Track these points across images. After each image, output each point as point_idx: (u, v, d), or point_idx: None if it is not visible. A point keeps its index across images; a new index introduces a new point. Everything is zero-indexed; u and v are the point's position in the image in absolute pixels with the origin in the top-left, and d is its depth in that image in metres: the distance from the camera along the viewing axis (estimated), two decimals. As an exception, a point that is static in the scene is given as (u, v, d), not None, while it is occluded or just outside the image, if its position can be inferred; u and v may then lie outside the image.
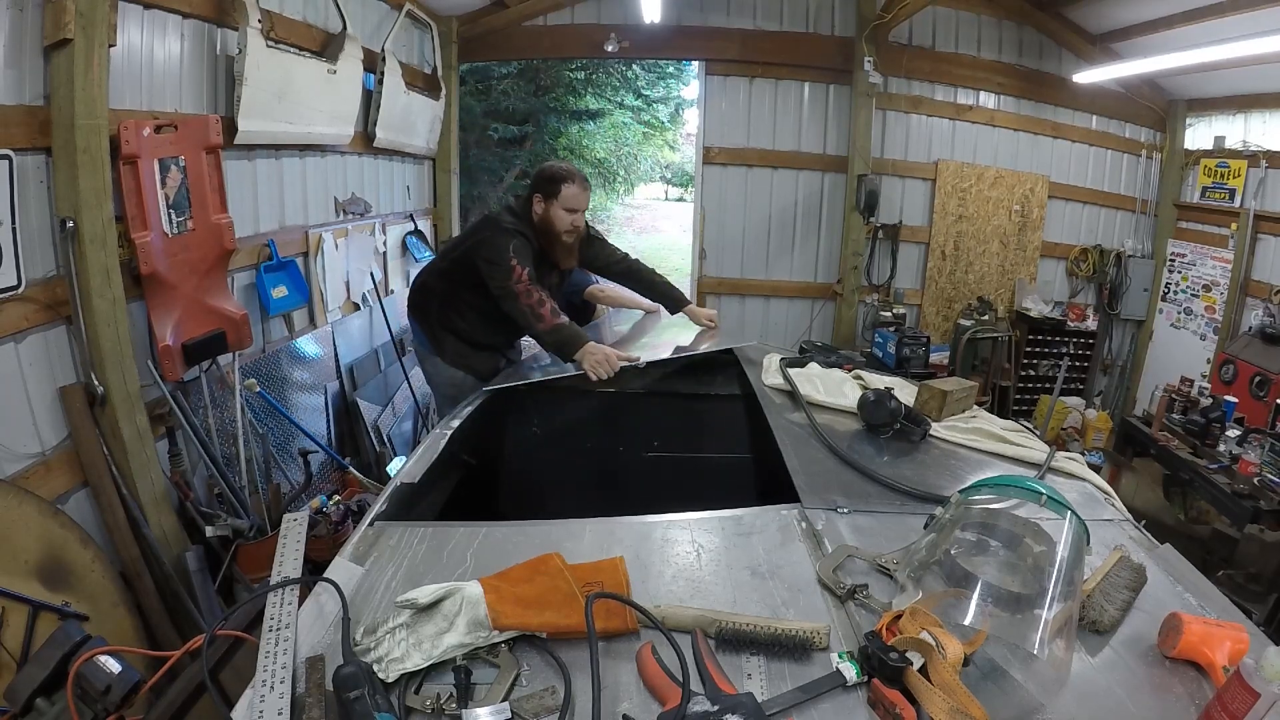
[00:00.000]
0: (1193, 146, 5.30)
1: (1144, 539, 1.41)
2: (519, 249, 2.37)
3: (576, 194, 2.48)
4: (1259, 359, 4.12)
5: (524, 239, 2.43)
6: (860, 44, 4.98)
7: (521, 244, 2.40)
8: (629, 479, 2.55)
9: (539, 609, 1.01)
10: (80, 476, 2.16)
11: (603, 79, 9.43)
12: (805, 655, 1.00)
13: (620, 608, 1.03)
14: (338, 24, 3.40)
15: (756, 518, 1.39)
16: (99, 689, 1.27)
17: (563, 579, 1.06)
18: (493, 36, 5.21)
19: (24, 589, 1.79)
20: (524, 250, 2.39)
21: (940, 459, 1.74)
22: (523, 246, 2.40)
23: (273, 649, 0.98)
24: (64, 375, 2.13)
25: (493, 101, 8.46)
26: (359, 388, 3.84)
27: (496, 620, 0.98)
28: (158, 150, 2.31)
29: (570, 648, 1.00)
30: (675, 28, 5.24)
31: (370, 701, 0.86)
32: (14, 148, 1.89)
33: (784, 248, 5.64)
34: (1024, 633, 0.98)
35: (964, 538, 1.15)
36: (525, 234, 2.45)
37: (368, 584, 1.16)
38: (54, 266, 2.07)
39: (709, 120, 5.46)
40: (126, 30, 2.21)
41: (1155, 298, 5.54)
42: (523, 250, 2.38)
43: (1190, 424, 3.71)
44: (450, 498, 1.90)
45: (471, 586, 1.04)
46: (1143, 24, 4.60)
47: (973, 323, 5.35)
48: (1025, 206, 5.53)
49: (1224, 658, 0.99)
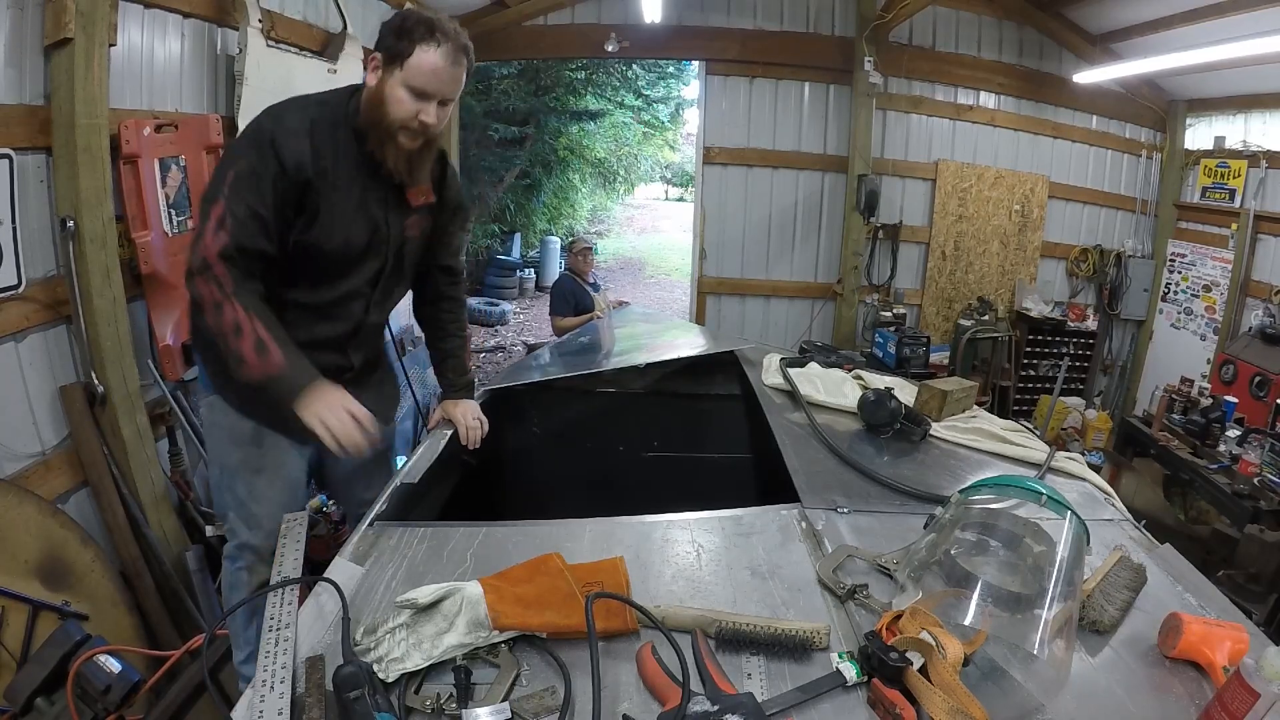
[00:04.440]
0: (1193, 147, 5.30)
1: (1144, 539, 1.41)
2: (243, 174, 1.37)
3: (437, 65, 1.42)
4: (1259, 359, 4.12)
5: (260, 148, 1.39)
6: (860, 44, 4.98)
7: (251, 161, 1.38)
8: (629, 479, 2.55)
9: (539, 609, 1.01)
10: (80, 476, 2.15)
11: (603, 79, 9.43)
12: (805, 655, 1.00)
13: (620, 608, 1.03)
14: (338, 24, 3.40)
15: (756, 518, 1.39)
16: (99, 688, 1.27)
17: (563, 579, 1.06)
18: (493, 36, 5.20)
19: (24, 588, 1.79)
20: (257, 166, 1.37)
21: (940, 459, 1.74)
22: (252, 166, 1.38)
23: (273, 649, 0.98)
24: (64, 375, 2.13)
25: (493, 101, 8.46)
26: (359, 387, 3.84)
27: (497, 620, 0.98)
28: (158, 150, 2.31)
29: (570, 648, 1.00)
30: (675, 28, 5.24)
31: (370, 701, 0.86)
32: (14, 147, 1.89)
33: (784, 248, 5.64)
34: (1024, 633, 0.98)
35: (964, 538, 1.15)
36: (274, 137, 1.39)
37: (368, 584, 1.16)
38: (54, 266, 2.07)
39: (709, 120, 5.46)
40: (127, 30, 2.20)
41: (1155, 298, 5.54)
42: (247, 174, 1.37)
43: (1190, 424, 3.71)
44: (450, 498, 1.90)
45: (471, 587, 1.04)
46: (1143, 24, 4.60)
47: (973, 323, 5.35)
48: (1025, 206, 5.53)
49: (1224, 658, 0.99)
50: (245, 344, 1.33)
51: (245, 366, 1.34)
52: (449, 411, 1.87)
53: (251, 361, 1.33)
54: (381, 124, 1.47)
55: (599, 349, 3.01)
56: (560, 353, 2.88)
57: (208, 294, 1.34)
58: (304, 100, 1.52)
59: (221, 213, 1.35)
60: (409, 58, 1.42)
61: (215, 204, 1.36)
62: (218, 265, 1.34)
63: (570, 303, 4.73)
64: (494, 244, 9.88)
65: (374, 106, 1.47)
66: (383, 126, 1.47)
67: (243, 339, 1.33)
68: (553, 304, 4.88)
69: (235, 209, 1.36)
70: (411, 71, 1.42)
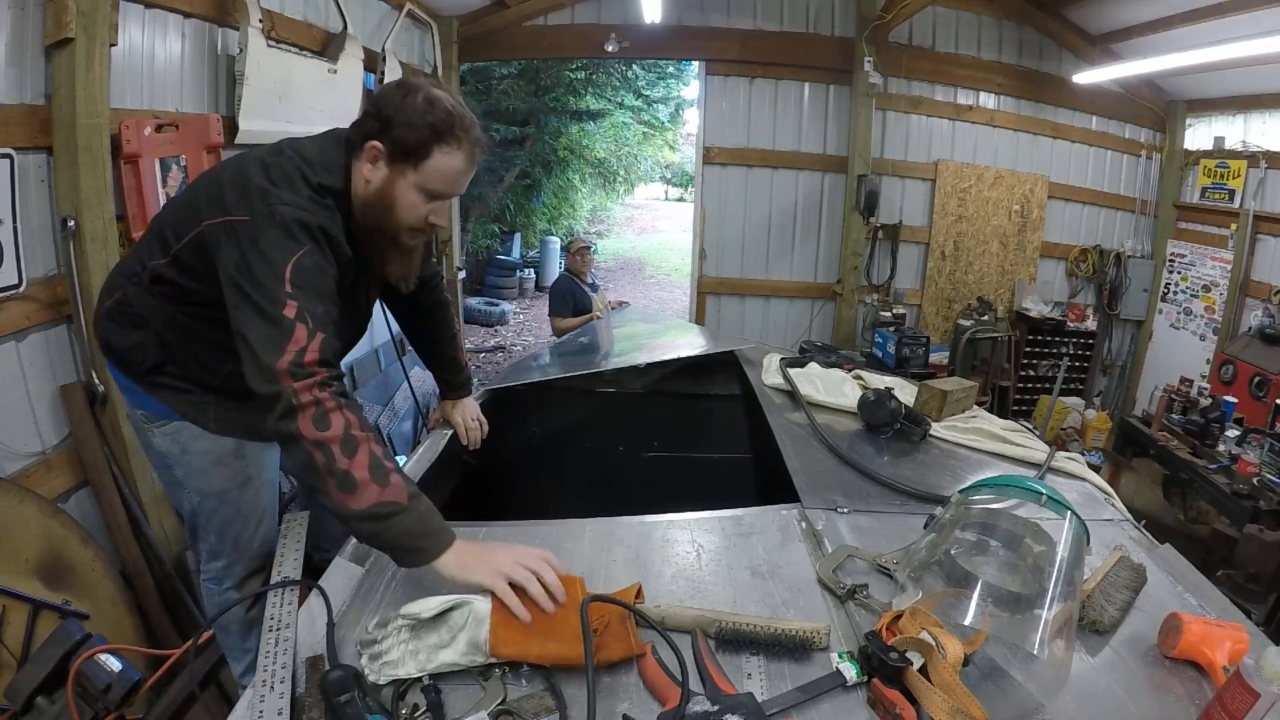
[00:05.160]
0: (1192, 147, 5.31)
1: (1144, 539, 1.41)
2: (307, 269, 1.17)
3: (459, 169, 1.30)
4: (1259, 359, 4.13)
5: (315, 238, 1.20)
6: (860, 44, 4.98)
7: (314, 255, 1.19)
8: (629, 479, 2.55)
9: (542, 639, 0.98)
10: (81, 475, 2.15)
11: (603, 79, 9.42)
12: (805, 655, 1.00)
13: (623, 633, 1.00)
14: (338, 24, 3.40)
15: (756, 518, 1.39)
16: (99, 688, 1.27)
17: (575, 615, 1.00)
18: (493, 36, 5.21)
19: (24, 588, 1.79)
20: (315, 268, 1.19)
21: (940, 459, 1.75)
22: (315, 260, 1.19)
23: (273, 649, 0.99)
24: (65, 374, 2.13)
25: (493, 101, 8.46)
26: (359, 388, 3.84)
27: (494, 648, 0.97)
28: (159, 149, 2.31)
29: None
30: (675, 28, 5.24)
31: (361, 704, 0.87)
32: (15, 147, 1.89)
33: (784, 248, 5.64)
34: (1024, 633, 0.98)
35: (964, 538, 1.15)
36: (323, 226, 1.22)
37: (367, 584, 1.16)
38: (55, 265, 2.07)
39: (709, 120, 5.46)
40: (127, 29, 2.20)
41: (1155, 298, 5.54)
42: (313, 269, 1.18)
43: (1190, 424, 3.71)
44: (450, 498, 1.90)
45: (482, 601, 1.02)
46: (1143, 24, 4.60)
47: (973, 323, 5.35)
48: (1025, 207, 5.53)
49: (1224, 658, 0.99)
50: (358, 464, 1.06)
51: (348, 492, 1.05)
52: (448, 413, 1.86)
53: (363, 484, 1.05)
54: (387, 229, 1.32)
55: (598, 349, 3.02)
56: (560, 353, 2.88)
57: (308, 399, 1.07)
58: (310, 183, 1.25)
59: (299, 312, 1.12)
60: (427, 160, 1.26)
61: (283, 304, 1.12)
62: (321, 370, 1.11)
63: (569, 303, 4.73)
64: (494, 244, 9.89)
65: (381, 211, 1.30)
66: (388, 232, 1.32)
67: (355, 457, 1.06)
68: (552, 304, 4.88)
69: (311, 308, 1.14)
70: (428, 175, 1.27)
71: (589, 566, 1.20)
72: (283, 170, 1.24)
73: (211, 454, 1.50)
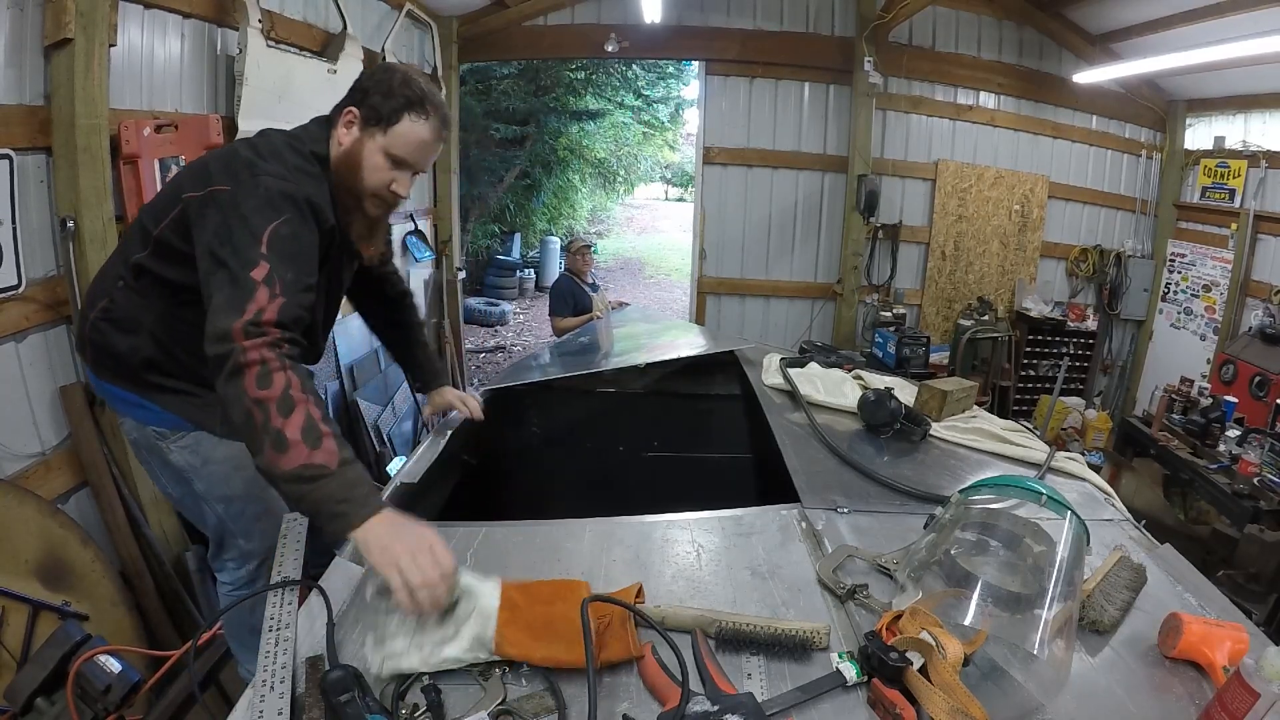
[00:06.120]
0: (1193, 147, 5.31)
1: (1144, 539, 1.41)
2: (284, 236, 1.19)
3: (424, 139, 1.36)
4: (1259, 359, 4.13)
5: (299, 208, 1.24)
6: (860, 44, 4.98)
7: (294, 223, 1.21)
8: (629, 479, 2.55)
9: (547, 640, 0.98)
10: (80, 476, 2.16)
11: (603, 79, 9.42)
12: (805, 655, 1.00)
13: (623, 635, 1.00)
14: (338, 24, 3.40)
15: (756, 518, 1.39)
16: (99, 689, 1.27)
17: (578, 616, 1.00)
18: (493, 36, 5.21)
19: (24, 588, 1.79)
20: (293, 235, 1.21)
21: (940, 459, 1.74)
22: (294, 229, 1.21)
23: (273, 649, 0.98)
24: (64, 375, 2.13)
25: (493, 101, 8.46)
26: (359, 388, 3.84)
27: (500, 646, 0.97)
28: (158, 150, 2.31)
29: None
30: (675, 28, 5.24)
31: (361, 704, 0.87)
32: (14, 147, 1.89)
33: (784, 248, 5.64)
34: (1024, 633, 0.98)
35: (964, 538, 1.15)
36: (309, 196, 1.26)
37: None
38: (54, 266, 2.07)
39: (709, 120, 5.46)
40: (127, 30, 2.21)
41: (1155, 298, 5.54)
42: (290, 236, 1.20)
43: (1190, 424, 3.71)
44: (450, 498, 1.90)
45: (489, 597, 1.02)
46: (1143, 24, 4.60)
47: (973, 323, 5.35)
48: (1025, 206, 5.53)
49: (1224, 658, 0.99)
50: (292, 424, 1.04)
51: (280, 451, 1.03)
52: (444, 399, 1.87)
53: (294, 444, 1.02)
54: (352, 189, 1.38)
55: (598, 349, 3.02)
56: (560, 353, 2.88)
57: (255, 357, 1.06)
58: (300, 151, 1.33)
59: (267, 275, 1.13)
60: (394, 125, 1.34)
61: (255, 265, 1.13)
62: (275, 331, 1.11)
63: (569, 303, 4.73)
64: (494, 244, 9.89)
65: (347, 171, 1.37)
66: (353, 191, 1.38)
67: (290, 417, 1.04)
68: (552, 305, 4.88)
69: (282, 274, 1.15)
70: (395, 139, 1.35)
71: (589, 566, 1.20)
72: (270, 145, 1.30)
73: (232, 459, 1.51)
